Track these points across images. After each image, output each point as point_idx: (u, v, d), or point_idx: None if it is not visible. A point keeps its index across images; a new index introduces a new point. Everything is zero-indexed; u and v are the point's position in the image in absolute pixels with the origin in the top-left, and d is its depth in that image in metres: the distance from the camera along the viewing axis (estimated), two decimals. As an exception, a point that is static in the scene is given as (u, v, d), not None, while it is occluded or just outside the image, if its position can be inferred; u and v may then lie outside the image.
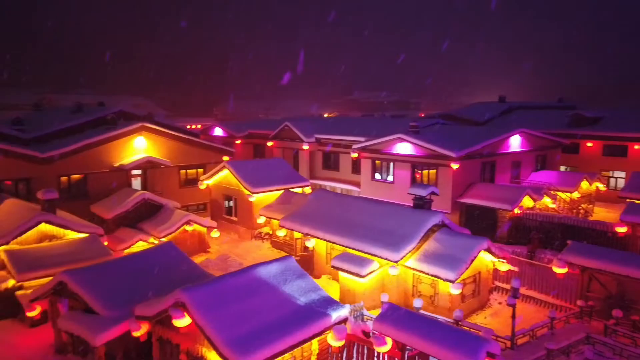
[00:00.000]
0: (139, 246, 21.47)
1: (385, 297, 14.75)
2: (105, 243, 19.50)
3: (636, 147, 34.15)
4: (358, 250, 18.01)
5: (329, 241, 19.74)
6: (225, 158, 32.08)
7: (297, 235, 22.50)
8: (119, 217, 23.51)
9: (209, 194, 30.59)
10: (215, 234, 24.49)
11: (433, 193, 19.60)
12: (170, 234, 22.52)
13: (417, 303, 14.33)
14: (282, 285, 11.86)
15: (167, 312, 10.70)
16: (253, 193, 26.60)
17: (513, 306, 13.95)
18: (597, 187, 30.73)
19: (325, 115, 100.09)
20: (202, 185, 29.71)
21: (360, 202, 21.50)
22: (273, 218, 24.67)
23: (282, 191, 27.05)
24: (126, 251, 21.19)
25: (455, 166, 26.62)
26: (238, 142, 44.80)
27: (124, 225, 23.58)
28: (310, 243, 20.72)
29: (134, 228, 23.35)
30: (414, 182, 28.67)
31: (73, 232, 18.83)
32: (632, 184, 26.01)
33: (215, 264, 22.15)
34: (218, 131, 47.07)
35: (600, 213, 30.38)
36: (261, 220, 25.72)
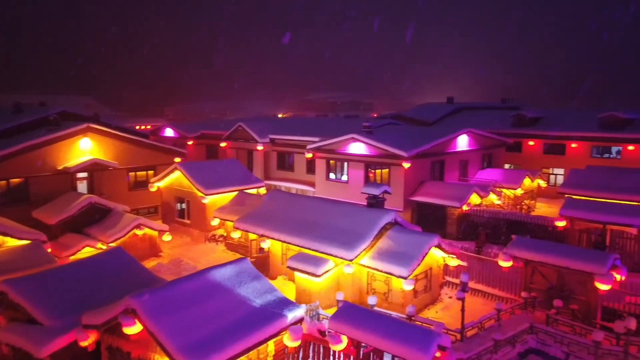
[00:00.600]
0: (86, 252, 20.61)
1: (340, 296, 14.93)
2: (49, 250, 18.59)
3: (573, 145, 36.30)
4: (313, 250, 18.12)
5: (284, 242, 19.73)
6: (177, 159, 31.35)
7: (252, 236, 22.34)
8: (64, 222, 22.46)
9: (160, 197, 29.80)
10: (167, 237, 23.89)
11: (386, 192, 20.01)
12: (119, 238, 21.76)
13: (371, 300, 14.60)
14: (237, 287, 11.75)
15: (116, 320, 10.35)
16: (206, 195, 26.17)
17: (462, 300, 14.49)
18: (538, 183, 32.39)
19: (280, 116, 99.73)
20: (153, 188, 28.90)
21: (315, 202, 21.63)
22: (227, 220, 24.37)
23: (236, 192, 26.76)
24: (72, 258, 20.28)
25: (406, 165, 27.29)
26: (190, 143, 43.86)
27: (69, 230, 22.55)
28: (266, 244, 20.64)
29: (81, 233, 22.39)
30: (367, 181, 29.15)
31: (13, 239, 17.83)
32: (570, 180, 27.62)
33: (168, 268, 21.63)
34: (169, 132, 45.89)
35: (542, 208, 32.05)
36: (215, 222, 25.34)
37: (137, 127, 50.40)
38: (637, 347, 13.09)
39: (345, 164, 31.07)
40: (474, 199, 26.73)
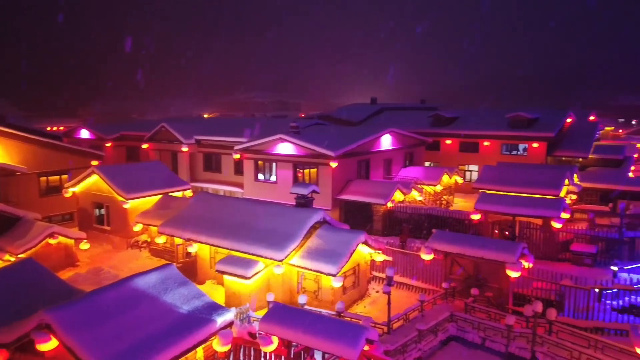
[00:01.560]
0: (-9, 266, 18.85)
1: (271, 297, 14.93)
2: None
3: (485, 143, 38.96)
4: (243, 252, 17.93)
5: (212, 245, 19.34)
6: (94, 162, 29.59)
7: (178, 241, 21.65)
8: (-37, 234, 20.40)
9: (76, 203, 27.96)
10: (84, 245, 22.46)
11: (314, 191, 20.29)
12: (30, 249, 20.14)
13: (301, 299, 14.74)
14: (162, 295, 11.36)
15: (28, 336, 9.62)
16: (127, 199, 24.96)
17: (388, 294, 15.07)
18: (455, 180, 34.40)
19: (205, 116, 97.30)
20: (68, 193, 27.03)
21: (244, 203, 21.41)
22: (151, 225, 23.41)
23: (160, 196, 25.78)
24: (-26, 273, 18.44)
25: (334, 165, 27.82)
26: (109, 145, 41.56)
27: (-30, 243, 20.50)
28: (193, 248, 20.11)
29: (-16, 245, 20.42)
30: (296, 181, 29.33)
31: None
32: (483, 176, 29.62)
33: (87, 278, 20.36)
34: (85, 133, 43.13)
35: (459, 203, 34.07)
36: (138, 227, 24.23)
37: (49, 129, 46.81)
38: (544, 329, 14.36)
39: (274, 164, 31.03)
40: (398, 195, 27.84)
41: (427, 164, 40.25)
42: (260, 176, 31.82)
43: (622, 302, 16.63)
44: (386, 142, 33.45)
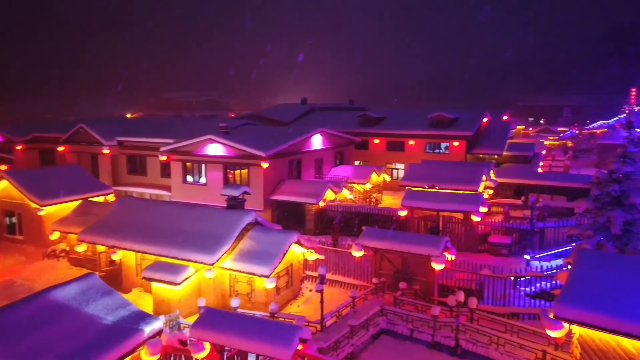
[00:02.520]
0: None
1: (202, 302, 14.61)
2: None
3: (411, 142, 40.62)
4: (171, 257, 17.37)
5: (138, 251, 18.53)
6: (3, 167, 27.21)
7: (100, 248, 20.52)
8: None
9: (-17, 211, 25.56)
10: (-7, 257, 20.61)
11: (245, 192, 20.09)
12: None
13: (234, 303, 14.56)
14: (84, 306, 10.74)
15: None
16: (42, 206, 23.26)
17: (321, 292, 15.27)
18: (384, 178, 35.56)
19: (129, 116, 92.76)
20: (-28, 201, 24.66)
21: (172, 206, 20.73)
22: (70, 232, 21.98)
23: (79, 201, 24.27)
24: None
25: (265, 165, 27.69)
26: (19, 147, 38.38)
27: None
28: (117, 256, 19.15)
29: None
30: (226, 182, 28.85)
31: None
32: (409, 174, 30.87)
33: (-4, 294, 18.69)
34: (-9, 135, 39.49)
35: (388, 200, 35.27)
36: (55, 236, 22.64)
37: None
38: (466, 317, 15.27)
39: (203, 165, 30.29)
40: (329, 194, 28.28)
41: (356, 162, 41.20)
42: (189, 178, 30.94)
43: (534, 288, 18.08)
44: (317, 141, 33.84)
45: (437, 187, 26.55)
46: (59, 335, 9.69)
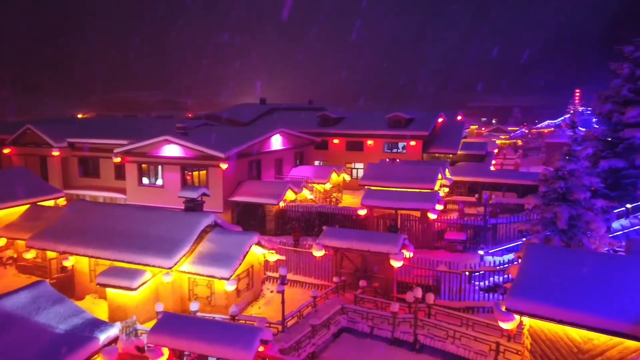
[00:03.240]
0: None
1: (160, 307, 14.29)
2: None
3: (369, 142, 41.22)
4: (127, 262, 16.88)
5: (92, 257, 17.91)
6: (-59, 171, 25.59)
7: (51, 255, 19.70)
8: None
9: None
10: None
11: (204, 194, 19.78)
12: None
13: (193, 306, 14.33)
14: (34, 315, 10.30)
15: None
16: (-13, 211, 22.03)
17: (282, 292, 15.28)
18: (343, 177, 35.90)
19: (80, 116, 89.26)
20: None
21: (128, 210, 20.13)
22: (17, 238, 20.97)
23: (27, 206, 23.17)
24: None
25: (224, 166, 27.36)
26: (-41, 149, 36.15)
27: None
28: (69, 262, 18.43)
29: None
30: (184, 184, 28.32)
31: None
32: (368, 174, 31.31)
33: (-64, 306, 17.56)
34: None
35: (348, 200, 35.64)
36: (1, 242, 21.52)
37: None
38: (424, 313, 15.69)
39: (160, 167, 29.59)
40: (290, 195, 28.29)
41: (316, 163, 41.40)
42: (145, 180, 30.14)
43: (487, 282, 18.78)
44: (277, 142, 33.75)
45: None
46: (8, 346, 9.25)
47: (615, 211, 22.08)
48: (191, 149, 28.04)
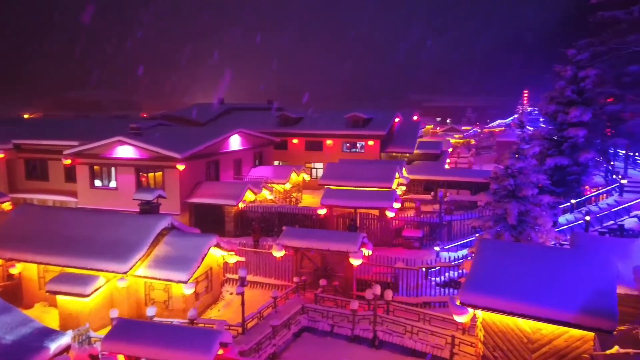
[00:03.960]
0: None
1: (114, 313, 13.87)
2: None
3: (328, 142, 41.51)
4: (79, 267, 16.28)
5: (41, 263, 17.14)
6: None
7: (-5, 262, 18.65)
8: None
9: None
10: None
11: (160, 196, 19.35)
12: None
13: (150, 311, 14.00)
14: (-23, 327, 9.76)
15: None
16: None
17: (242, 294, 15.18)
18: (303, 177, 35.98)
19: (26, 117, 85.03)
20: None
21: (79, 214, 19.41)
22: (-42, 246, 19.71)
23: (-32, 211, 21.85)
24: None
25: (181, 167, 26.82)
26: None
27: None
28: (16, 269, 17.55)
29: None
30: (139, 186, 27.55)
31: None
32: (327, 173, 31.52)
33: None
34: None
35: (308, 199, 35.75)
36: (-61, 251, 20.19)
37: None
38: (382, 309, 15.98)
39: (113, 169, 28.65)
40: (249, 195, 28.07)
41: (276, 163, 41.26)
42: (98, 183, 29.11)
43: (443, 277, 19.36)
44: (235, 142, 33.40)
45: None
46: (-54, 361, 8.75)
47: (560, 206, 23.28)
48: (146, 149, 27.31)
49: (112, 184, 28.81)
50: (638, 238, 15.71)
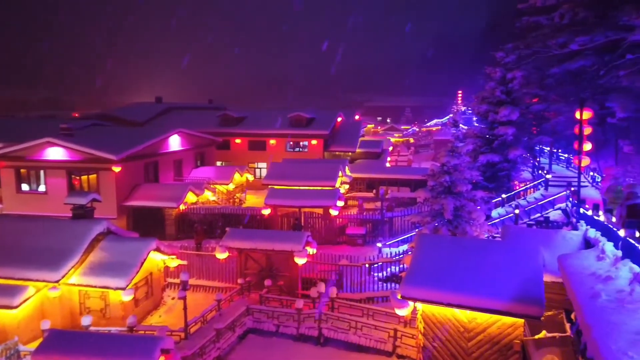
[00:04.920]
0: None
1: (46, 324, 13.14)
2: None
3: (272, 141, 41.35)
4: (5, 277, 15.23)
5: (-40, 275, 15.83)
6: None
7: None
8: None
9: None
10: None
11: (95, 200, 18.48)
12: None
13: (85, 321, 13.36)
14: None
15: None
16: None
17: (184, 299, 14.81)
18: (246, 177, 35.60)
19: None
20: None
21: (4, 220, 18.14)
22: None
23: None
24: None
25: (117, 169, 25.73)
26: None
27: None
28: None
29: None
30: (71, 190, 26.14)
31: None
32: (271, 173, 31.43)
33: None
34: None
35: (252, 200, 35.41)
36: None
37: None
38: (327, 306, 16.17)
39: (42, 172, 26.98)
40: (190, 197, 27.40)
41: (218, 163, 40.53)
42: (25, 187, 27.29)
43: (385, 272, 19.89)
44: (175, 142, 32.48)
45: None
46: None
47: (493, 201, 24.59)
48: (78, 151, 25.94)
49: (42, 187, 27.13)
50: (562, 229, 16.93)
